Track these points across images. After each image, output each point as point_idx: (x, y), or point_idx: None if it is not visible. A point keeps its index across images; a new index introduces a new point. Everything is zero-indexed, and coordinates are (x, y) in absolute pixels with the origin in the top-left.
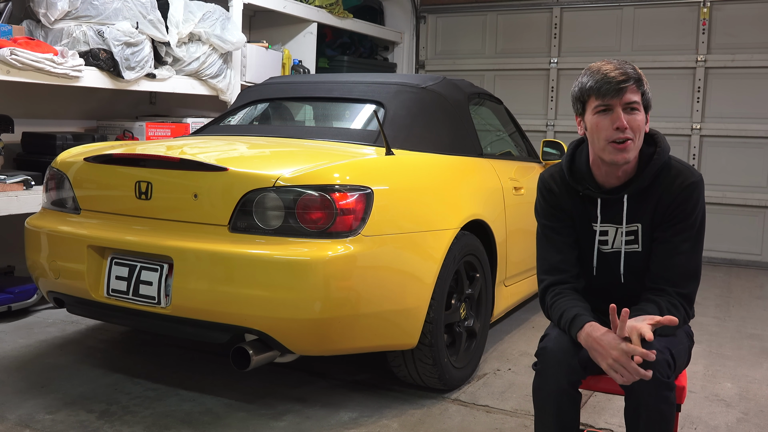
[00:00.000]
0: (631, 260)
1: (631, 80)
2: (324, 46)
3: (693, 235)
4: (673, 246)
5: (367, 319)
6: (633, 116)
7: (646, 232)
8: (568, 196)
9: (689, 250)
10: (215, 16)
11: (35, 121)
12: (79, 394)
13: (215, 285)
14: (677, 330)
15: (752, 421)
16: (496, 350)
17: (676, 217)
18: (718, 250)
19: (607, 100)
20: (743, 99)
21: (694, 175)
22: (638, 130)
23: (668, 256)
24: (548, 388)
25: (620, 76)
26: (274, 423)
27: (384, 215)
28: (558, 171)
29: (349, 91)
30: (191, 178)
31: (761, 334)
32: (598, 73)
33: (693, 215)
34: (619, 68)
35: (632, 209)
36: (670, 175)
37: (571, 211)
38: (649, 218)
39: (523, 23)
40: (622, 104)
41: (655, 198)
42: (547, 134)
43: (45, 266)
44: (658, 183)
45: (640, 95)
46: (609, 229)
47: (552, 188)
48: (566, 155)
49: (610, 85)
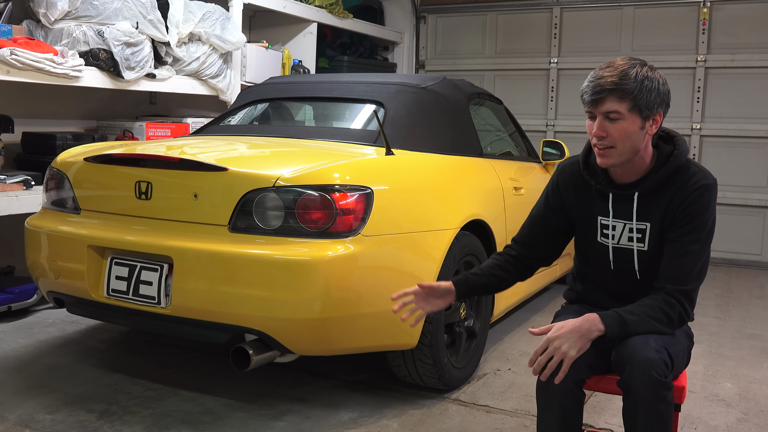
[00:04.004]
0: (639, 257)
1: (609, 89)
2: (324, 46)
3: (702, 237)
4: (682, 245)
5: (367, 319)
6: (613, 125)
7: (654, 232)
8: (576, 187)
9: (698, 251)
10: (215, 16)
11: (35, 121)
12: (79, 394)
13: (215, 285)
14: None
15: (752, 421)
16: (496, 350)
17: (686, 217)
18: (718, 250)
19: (587, 107)
20: (743, 99)
21: (708, 178)
22: (620, 138)
23: (676, 255)
24: (553, 387)
25: (598, 85)
26: (274, 423)
27: (384, 215)
28: (575, 162)
29: (349, 91)
30: (191, 178)
31: (761, 334)
32: (593, 75)
33: (704, 217)
34: (612, 72)
35: (643, 207)
36: (685, 176)
37: (572, 206)
38: (660, 218)
39: (523, 23)
40: (601, 113)
41: (668, 198)
42: (547, 134)
43: (45, 266)
44: (672, 183)
45: (628, 103)
46: (617, 224)
47: (566, 178)
48: (584, 149)
49: (588, 95)
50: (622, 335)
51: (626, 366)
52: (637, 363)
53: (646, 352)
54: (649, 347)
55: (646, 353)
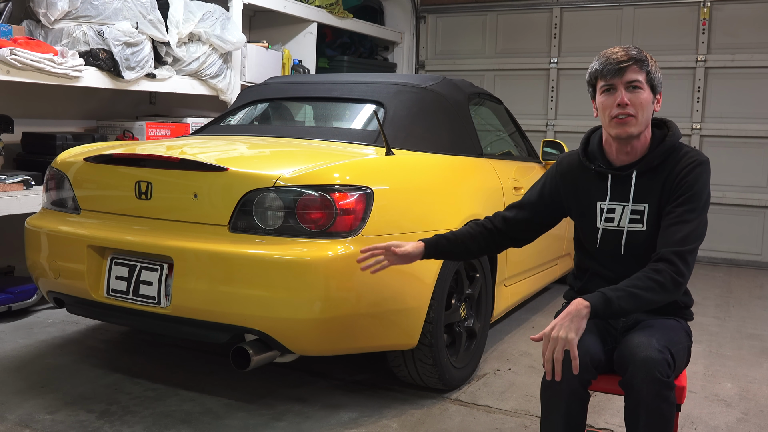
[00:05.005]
0: (634, 239)
1: (631, 60)
2: (324, 46)
3: (698, 207)
4: (677, 215)
5: (367, 319)
6: (635, 94)
7: (652, 213)
8: (574, 177)
9: (693, 220)
10: (215, 16)
11: (35, 121)
12: (79, 394)
13: (215, 285)
14: (679, 312)
15: (752, 421)
16: (496, 350)
17: (681, 190)
18: (718, 250)
19: (609, 80)
20: (743, 99)
21: (700, 156)
22: (641, 107)
23: (671, 224)
24: (559, 387)
25: (621, 57)
26: (274, 423)
27: (384, 215)
28: (573, 153)
29: (349, 91)
30: (191, 178)
31: (761, 334)
32: (603, 56)
33: (696, 187)
34: (623, 51)
35: (641, 188)
36: (679, 155)
37: (566, 197)
38: (657, 198)
39: (523, 23)
40: (624, 83)
41: (663, 177)
42: (547, 134)
43: (45, 266)
44: (667, 163)
45: (645, 74)
46: (616, 207)
47: (563, 169)
48: (582, 139)
49: (612, 66)
50: (609, 311)
51: (628, 365)
52: (640, 362)
53: (648, 351)
54: (652, 347)
55: (648, 353)
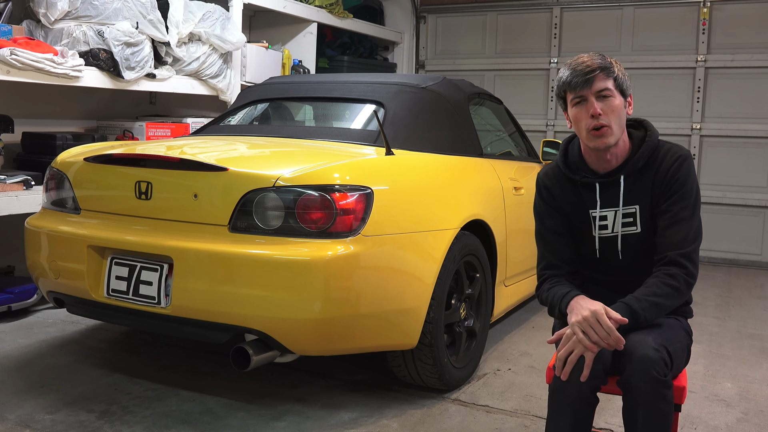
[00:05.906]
0: (630, 242)
1: (597, 69)
2: (324, 46)
3: (690, 203)
4: (673, 214)
5: (367, 319)
6: (606, 102)
7: (644, 214)
8: (562, 190)
9: (689, 216)
10: (215, 16)
11: (35, 121)
12: (79, 394)
13: (215, 285)
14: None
15: (752, 421)
16: (496, 350)
17: (671, 188)
18: (718, 250)
19: (578, 91)
20: (743, 99)
21: (682, 150)
22: (614, 114)
23: (669, 224)
24: (568, 391)
25: (586, 68)
26: (274, 423)
27: (384, 215)
28: (553, 167)
29: (349, 91)
30: (191, 178)
31: (761, 334)
32: (569, 68)
33: (687, 183)
34: (586, 61)
35: (630, 191)
36: (662, 152)
37: (565, 207)
38: (648, 198)
39: (523, 23)
40: (594, 93)
41: (651, 176)
42: (547, 134)
43: (45, 266)
44: (651, 163)
45: (613, 81)
46: (608, 213)
47: (547, 185)
48: (560, 150)
49: (579, 77)
50: (636, 323)
51: (626, 365)
52: (637, 361)
53: (645, 350)
54: (648, 346)
55: (645, 352)
